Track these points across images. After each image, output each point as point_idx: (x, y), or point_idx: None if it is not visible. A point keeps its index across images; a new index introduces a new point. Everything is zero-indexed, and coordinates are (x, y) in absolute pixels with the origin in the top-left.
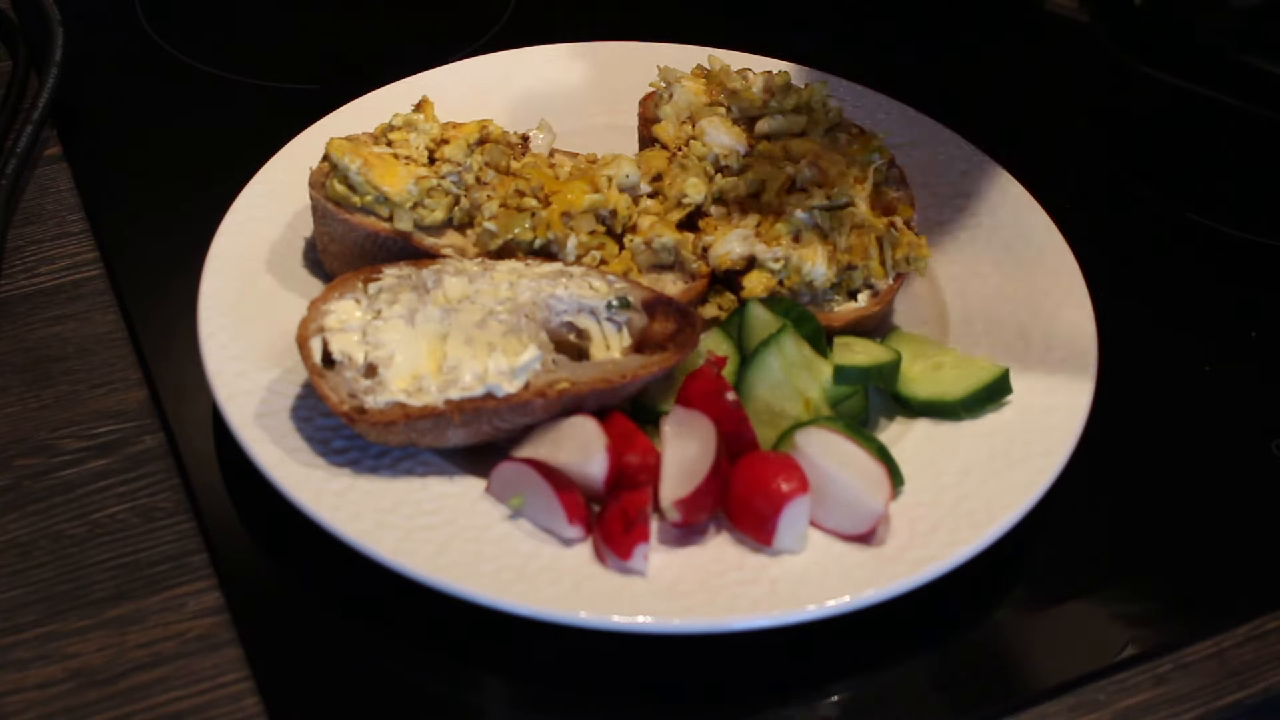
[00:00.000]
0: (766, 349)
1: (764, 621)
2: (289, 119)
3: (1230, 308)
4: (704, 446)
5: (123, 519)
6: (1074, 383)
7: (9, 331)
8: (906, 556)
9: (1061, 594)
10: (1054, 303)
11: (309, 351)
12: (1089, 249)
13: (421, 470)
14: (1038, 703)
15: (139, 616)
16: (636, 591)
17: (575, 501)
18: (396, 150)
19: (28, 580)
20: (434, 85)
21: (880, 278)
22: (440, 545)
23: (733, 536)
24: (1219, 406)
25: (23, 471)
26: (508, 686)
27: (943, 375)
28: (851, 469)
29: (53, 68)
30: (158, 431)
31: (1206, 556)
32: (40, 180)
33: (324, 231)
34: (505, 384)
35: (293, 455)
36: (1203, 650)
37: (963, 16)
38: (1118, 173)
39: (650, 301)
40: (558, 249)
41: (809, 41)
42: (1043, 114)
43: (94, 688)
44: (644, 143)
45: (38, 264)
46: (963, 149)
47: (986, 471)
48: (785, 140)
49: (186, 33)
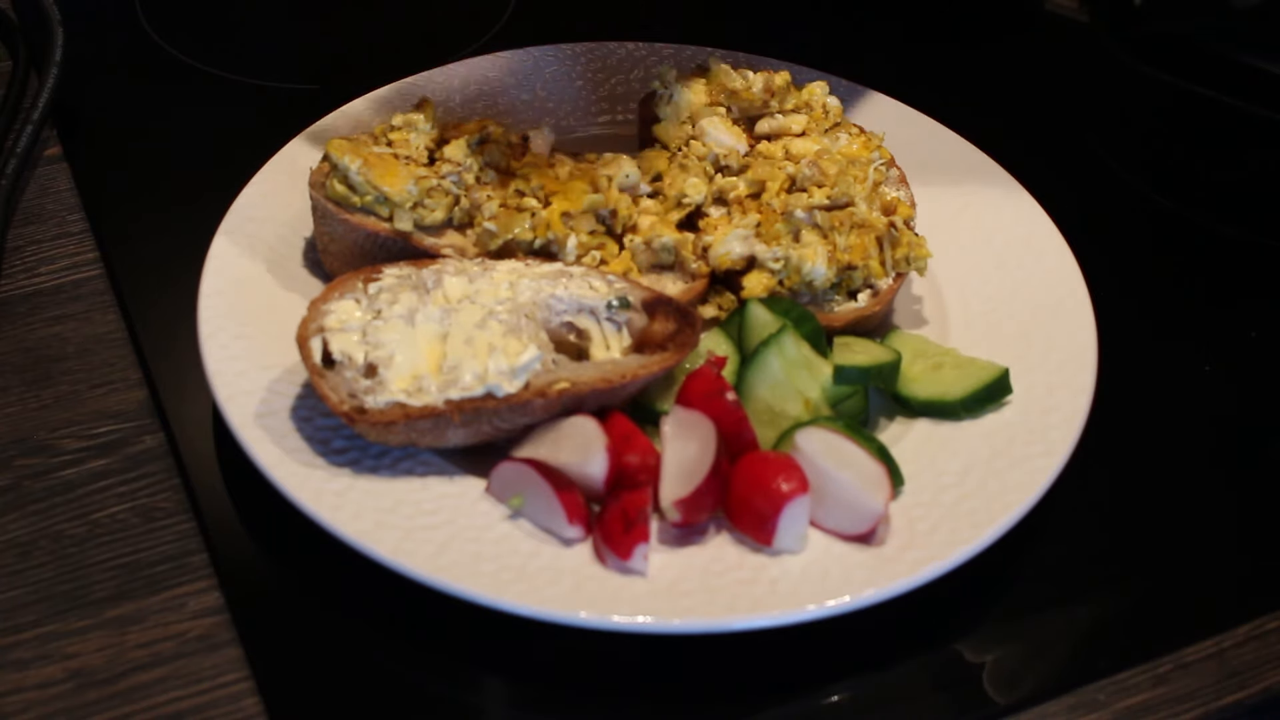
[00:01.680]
0: (766, 349)
1: (764, 621)
2: (289, 119)
3: (1230, 308)
4: (704, 446)
5: (123, 519)
6: (1074, 383)
7: (9, 331)
8: (906, 556)
9: (1061, 594)
10: (1054, 303)
11: (309, 351)
12: (1089, 249)
13: (421, 470)
14: (1038, 703)
15: (139, 616)
16: (636, 591)
17: (575, 501)
18: (396, 150)
19: (28, 580)
20: (434, 85)
21: (880, 278)
22: (440, 545)
23: (733, 536)
24: (1219, 406)
25: (23, 471)
26: (508, 686)
27: (943, 375)
28: (851, 469)
29: (53, 68)
30: (158, 431)
31: (1206, 556)
32: (40, 180)
33: (324, 231)
34: (505, 384)
35: (293, 455)
36: (1203, 650)
37: (963, 16)
38: (1118, 173)
39: (650, 301)
40: (558, 249)
41: (809, 41)
42: (1043, 114)
43: (94, 688)
44: (644, 143)
45: (38, 264)
46: (963, 149)
47: (986, 471)
48: (785, 140)
49: (186, 33)
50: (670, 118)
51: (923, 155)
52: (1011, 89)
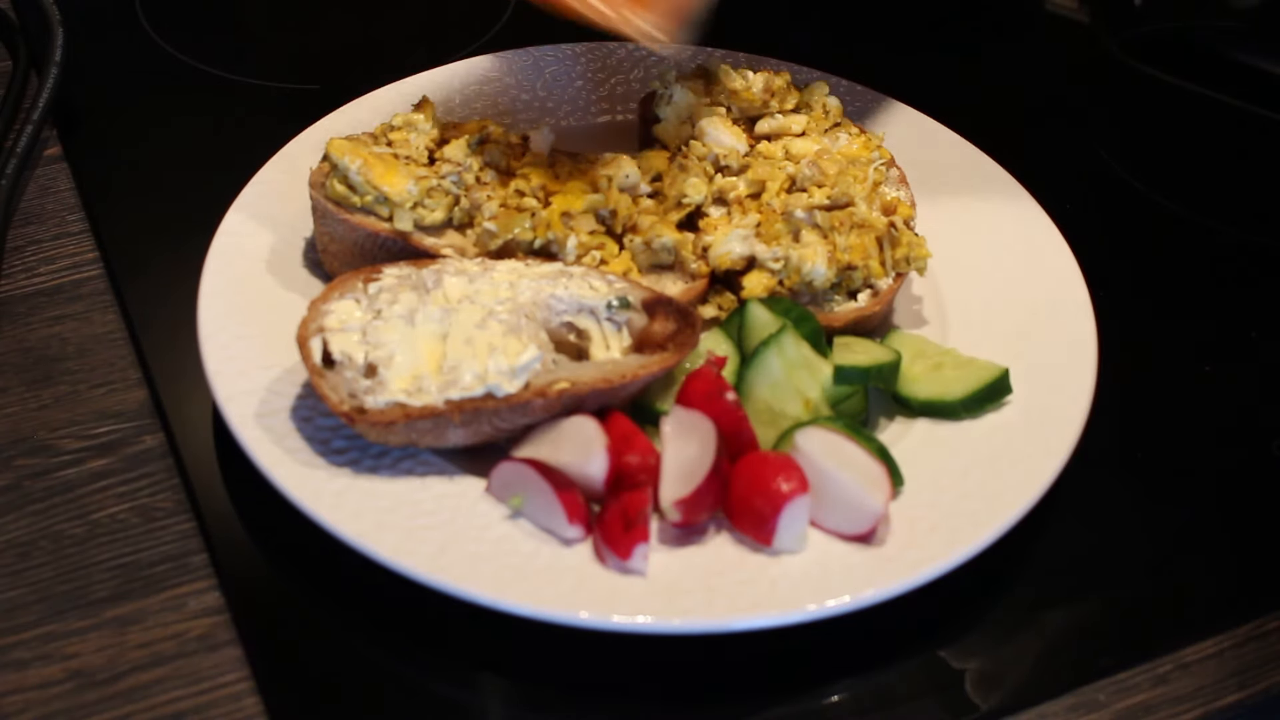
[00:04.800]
0: (766, 349)
1: (764, 621)
2: (289, 119)
3: (1230, 308)
4: (704, 446)
5: (123, 519)
6: (1074, 383)
7: (9, 331)
8: (906, 556)
9: (1061, 594)
10: (1054, 303)
11: (309, 351)
12: (1089, 249)
13: (421, 470)
14: (1038, 703)
15: (139, 616)
16: (636, 591)
17: (575, 501)
18: (396, 150)
19: (28, 580)
20: (434, 85)
21: (880, 278)
22: (440, 545)
23: (733, 536)
24: (1219, 406)
25: (23, 471)
26: (508, 686)
27: (943, 375)
28: (851, 469)
29: (53, 68)
30: (158, 431)
31: (1206, 556)
32: (40, 180)
33: (324, 231)
34: (505, 384)
35: (293, 455)
36: (1203, 650)
37: (963, 16)
38: (1117, 172)
39: (650, 301)
40: (558, 249)
41: (809, 41)
42: (1043, 114)
43: (94, 688)
44: (644, 143)
45: (38, 264)
46: (962, 149)
47: (986, 471)
48: (785, 140)
49: (186, 33)
50: (670, 118)
51: (923, 155)
52: (1011, 89)
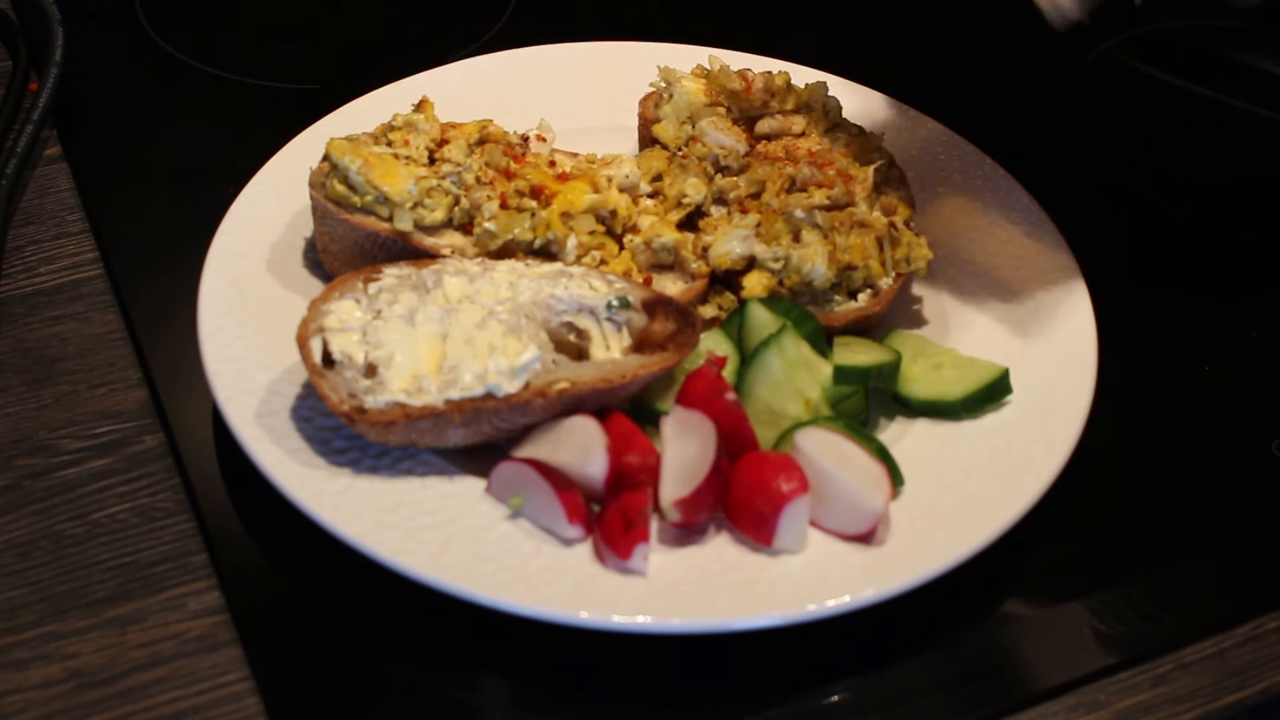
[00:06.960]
0: (766, 349)
1: (764, 621)
2: (289, 119)
3: (1230, 308)
4: (704, 446)
5: (123, 519)
6: (1074, 383)
7: (9, 331)
8: (906, 556)
9: (1061, 594)
10: (1054, 303)
11: (309, 351)
12: (1089, 249)
13: (421, 470)
14: (1038, 703)
15: (139, 616)
16: (636, 591)
17: (575, 501)
18: (396, 150)
19: (28, 580)
20: (434, 85)
21: (880, 278)
22: (440, 545)
23: (733, 536)
24: (1219, 406)
25: (23, 471)
26: (508, 686)
27: (943, 375)
28: (851, 469)
29: (53, 68)
30: (158, 431)
31: (1206, 556)
32: (40, 180)
33: (324, 231)
34: (505, 384)
35: (293, 455)
36: (1203, 650)
37: (963, 17)
38: (1118, 173)
39: (650, 301)
40: (558, 249)
41: (809, 41)
42: (1043, 115)
43: (94, 688)
44: (644, 143)
45: (38, 264)
46: (963, 149)
47: (986, 471)
48: (785, 140)
49: (186, 33)
50: (670, 118)
51: (923, 155)
52: (1011, 89)
